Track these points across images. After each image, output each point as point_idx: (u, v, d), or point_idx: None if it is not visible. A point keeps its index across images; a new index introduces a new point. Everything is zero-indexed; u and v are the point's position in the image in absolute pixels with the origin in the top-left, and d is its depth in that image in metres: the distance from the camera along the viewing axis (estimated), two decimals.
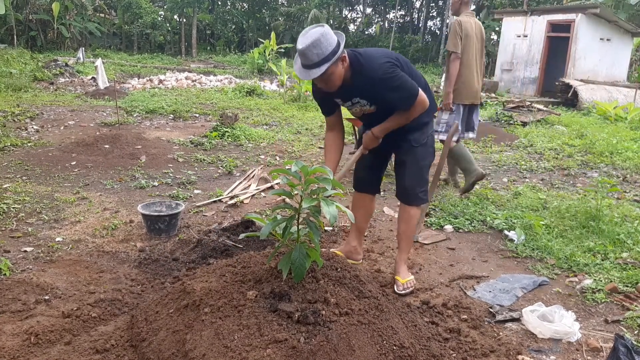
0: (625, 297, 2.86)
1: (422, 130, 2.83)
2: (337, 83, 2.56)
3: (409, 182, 2.87)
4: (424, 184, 2.91)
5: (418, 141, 2.82)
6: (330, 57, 2.41)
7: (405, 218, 2.94)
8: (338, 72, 2.52)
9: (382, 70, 2.54)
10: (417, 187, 2.87)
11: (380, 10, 32.76)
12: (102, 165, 5.39)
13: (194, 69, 18.70)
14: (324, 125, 8.52)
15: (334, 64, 2.45)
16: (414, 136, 2.81)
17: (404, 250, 2.99)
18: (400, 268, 2.95)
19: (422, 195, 2.91)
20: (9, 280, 2.72)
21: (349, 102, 2.75)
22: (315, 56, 2.41)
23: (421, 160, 2.86)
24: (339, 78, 2.55)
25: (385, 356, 1.93)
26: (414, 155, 2.84)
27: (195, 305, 2.04)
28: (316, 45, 2.39)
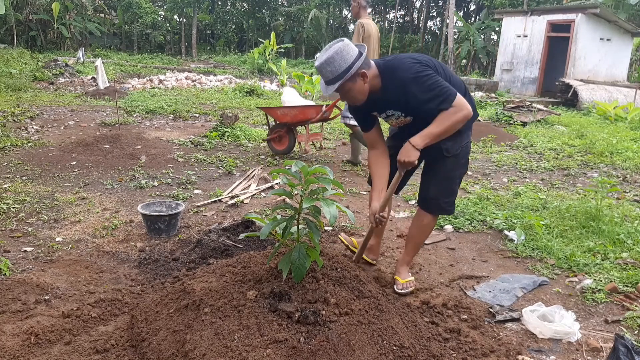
0: (625, 297, 2.86)
1: (455, 140, 2.63)
2: (360, 97, 2.50)
3: (434, 192, 2.73)
4: (450, 195, 2.77)
5: (450, 151, 2.65)
6: (342, 74, 2.37)
7: (419, 225, 2.84)
8: (357, 88, 2.45)
9: (411, 70, 2.42)
10: (441, 198, 2.74)
11: (380, 10, 32.76)
12: (102, 165, 5.39)
13: (194, 69, 18.71)
14: (323, 125, 8.54)
15: (350, 81, 2.40)
16: (447, 145, 2.62)
17: (409, 253, 2.93)
18: (401, 268, 2.92)
19: (446, 206, 2.77)
20: (9, 280, 2.72)
21: (384, 114, 2.66)
22: (330, 74, 2.39)
23: (451, 171, 2.71)
24: (360, 93, 2.48)
25: (385, 356, 1.93)
26: (444, 165, 2.69)
27: (195, 305, 2.04)
28: (330, 63, 2.37)
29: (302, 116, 5.77)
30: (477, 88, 14.75)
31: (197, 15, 26.58)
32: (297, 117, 5.79)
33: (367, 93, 2.50)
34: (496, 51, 18.35)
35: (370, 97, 2.54)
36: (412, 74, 2.41)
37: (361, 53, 2.41)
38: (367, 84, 2.46)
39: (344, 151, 6.82)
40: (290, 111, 5.80)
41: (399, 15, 31.88)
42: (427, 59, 2.54)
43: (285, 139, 6.08)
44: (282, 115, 5.91)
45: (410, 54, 2.59)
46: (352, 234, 3.78)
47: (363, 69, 2.42)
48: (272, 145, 6.22)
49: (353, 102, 2.55)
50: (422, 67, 2.43)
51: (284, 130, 6.02)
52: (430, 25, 32.41)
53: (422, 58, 2.53)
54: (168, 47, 28.59)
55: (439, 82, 2.41)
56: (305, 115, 5.76)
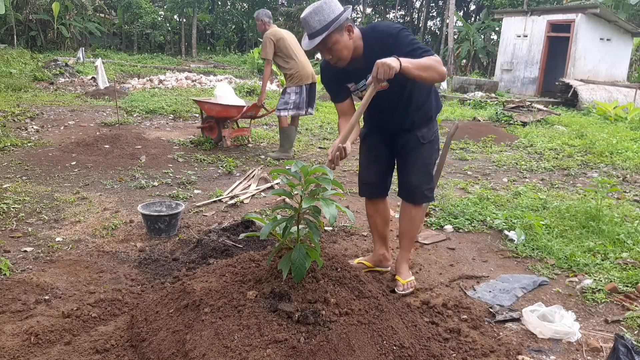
0: (625, 297, 2.86)
1: (429, 127, 2.74)
2: (345, 54, 2.44)
3: (416, 179, 2.76)
4: (430, 181, 2.82)
5: (426, 138, 2.73)
6: (330, 24, 2.33)
7: (408, 218, 2.86)
8: (344, 42, 2.40)
9: (394, 26, 2.46)
10: (423, 185, 2.77)
11: (380, 10, 32.76)
12: (102, 165, 5.39)
13: (194, 69, 18.71)
14: (323, 126, 8.58)
15: (338, 32, 2.36)
16: (422, 132, 2.71)
17: (405, 249, 2.93)
18: (402, 268, 2.90)
19: (428, 193, 2.81)
20: (9, 280, 2.72)
21: (363, 82, 2.58)
22: (317, 23, 2.34)
23: (427, 157, 2.77)
24: (345, 49, 2.42)
25: (385, 356, 1.93)
26: (422, 153, 2.74)
27: (195, 305, 2.04)
28: (318, 12, 2.33)
29: (225, 113, 6.29)
30: (477, 88, 14.75)
31: (197, 15, 26.57)
32: (220, 113, 6.31)
33: (351, 50, 2.45)
34: (496, 51, 18.35)
35: (349, 67, 2.51)
36: (395, 29, 2.45)
37: (349, 8, 2.41)
38: (352, 40, 2.44)
39: None
40: (215, 107, 6.33)
41: (399, 15, 31.88)
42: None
43: (215, 129, 6.59)
44: (208, 109, 6.46)
45: None
46: (352, 234, 3.78)
47: (349, 24, 2.41)
48: (204, 132, 6.78)
49: (337, 59, 2.46)
50: (405, 29, 2.49)
51: (213, 122, 6.55)
52: (430, 25, 32.41)
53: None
54: (168, 47, 28.59)
55: (421, 44, 2.46)
56: (228, 113, 6.27)
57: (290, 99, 5.88)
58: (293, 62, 5.82)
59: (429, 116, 2.75)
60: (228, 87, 6.81)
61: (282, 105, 5.91)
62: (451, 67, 18.36)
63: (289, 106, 5.88)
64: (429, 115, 2.75)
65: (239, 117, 6.35)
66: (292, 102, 5.88)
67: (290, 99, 5.88)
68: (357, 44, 2.48)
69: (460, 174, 5.85)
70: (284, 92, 5.96)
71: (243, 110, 6.19)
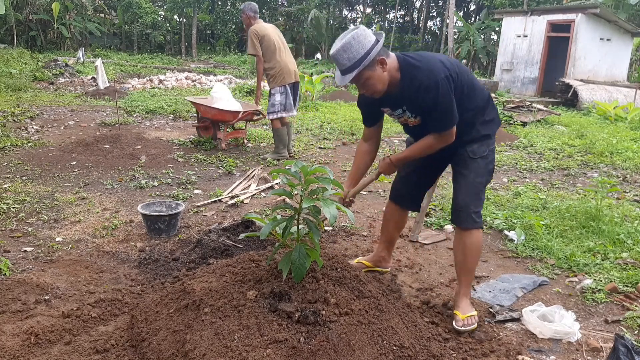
0: (625, 297, 2.86)
1: (482, 142, 2.55)
2: (379, 88, 2.35)
3: (463, 199, 2.55)
4: (478, 204, 2.55)
5: (477, 153, 2.54)
6: (360, 61, 2.24)
7: (461, 247, 2.58)
8: (376, 76, 2.31)
9: (434, 81, 2.28)
10: (470, 206, 2.53)
11: (380, 10, 32.75)
12: (102, 165, 5.39)
13: (194, 69, 18.70)
14: (323, 126, 8.57)
15: (369, 68, 2.27)
16: (473, 147, 2.54)
17: (463, 284, 2.62)
18: (461, 302, 2.58)
19: (477, 218, 2.55)
20: (9, 280, 2.72)
21: (399, 110, 2.50)
22: (347, 60, 2.25)
23: (478, 176, 2.54)
24: (379, 83, 2.33)
25: (385, 356, 1.93)
26: (471, 169, 2.54)
27: (195, 305, 2.04)
28: (346, 49, 2.24)
29: (221, 117, 6.28)
30: None
31: (197, 15, 26.57)
32: (216, 116, 6.30)
33: (387, 83, 2.34)
34: (496, 51, 18.34)
35: (387, 91, 2.40)
36: (433, 84, 2.28)
37: (378, 40, 2.28)
38: (386, 73, 2.32)
39: (344, 151, 6.83)
40: (211, 110, 6.29)
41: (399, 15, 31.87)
42: (456, 68, 2.40)
43: (210, 128, 6.61)
44: (204, 111, 6.47)
45: (436, 56, 2.44)
46: (352, 234, 3.78)
47: (382, 56, 2.29)
48: (199, 131, 6.82)
49: (372, 92, 2.38)
50: (446, 84, 2.29)
51: (209, 122, 6.55)
52: (430, 25, 32.39)
53: (452, 66, 2.38)
54: (168, 47, 28.58)
55: (450, 107, 2.34)
56: (223, 117, 6.26)
57: (276, 100, 5.81)
58: (275, 61, 5.71)
59: (482, 134, 2.56)
60: (225, 88, 6.80)
61: (270, 109, 5.85)
62: None
63: (276, 108, 5.81)
64: (482, 134, 2.56)
65: (235, 122, 6.34)
66: (278, 103, 5.80)
67: (276, 100, 5.81)
68: (394, 75, 2.35)
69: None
70: (270, 94, 5.89)
71: (239, 116, 6.18)
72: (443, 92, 2.29)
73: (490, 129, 2.60)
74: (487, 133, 2.58)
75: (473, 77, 2.55)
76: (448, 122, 2.37)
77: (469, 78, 2.49)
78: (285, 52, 5.83)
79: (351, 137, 7.78)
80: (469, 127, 2.53)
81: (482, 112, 2.56)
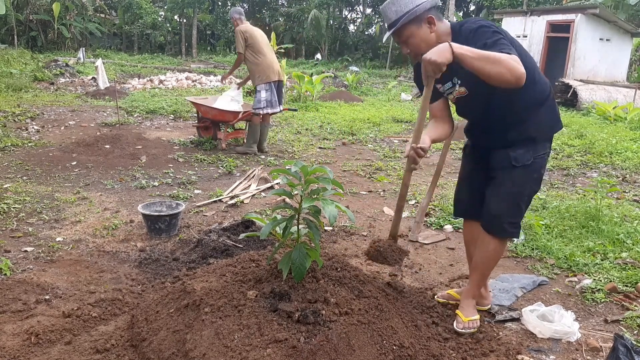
0: (625, 296, 2.86)
1: (527, 147, 2.27)
2: (424, 49, 2.12)
3: (496, 207, 2.33)
4: (515, 214, 2.34)
5: (519, 160, 2.26)
6: (407, 13, 2.13)
7: (483, 249, 2.42)
8: (421, 35, 2.17)
9: (478, 23, 2.15)
10: (505, 216, 2.33)
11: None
12: (102, 165, 5.40)
13: (194, 69, 18.70)
14: (323, 126, 8.58)
15: (414, 24, 2.15)
16: (516, 153, 2.26)
17: (473, 283, 2.51)
18: (464, 303, 2.50)
19: (509, 228, 2.34)
20: (10, 280, 2.73)
21: (449, 84, 2.30)
22: (393, 13, 2.16)
23: (518, 185, 2.29)
24: (424, 43, 2.17)
25: (385, 356, 1.93)
26: (511, 177, 2.28)
27: (195, 305, 2.04)
28: (395, 2, 2.16)
29: (221, 117, 6.38)
30: None
31: (198, 16, 26.57)
32: (216, 117, 6.40)
33: (433, 45, 2.09)
34: None
35: None
36: (476, 23, 2.16)
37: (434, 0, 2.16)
38: (433, 34, 2.18)
39: (344, 151, 6.83)
40: (211, 110, 6.38)
41: None
42: (515, 41, 2.22)
43: (210, 129, 6.71)
44: (205, 111, 6.53)
45: None
46: (352, 234, 3.78)
47: (431, 14, 2.17)
48: (199, 131, 6.88)
49: (415, 55, 2.21)
50: (490, 25, 2.15)
51: (209, 122, 6.64)
52: None
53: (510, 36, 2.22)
54: (168, 48, 28.57)
55: (503, 40, 2.08)
56: (224, 118, 6.35)
57: (262, 97, 6.06)
58: (261, 58, 5.99)
59: (530, 136, 2.27)
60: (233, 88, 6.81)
61: (256, 104, 6.09)
62: None
63: (261, 104, 6.05)
64: (530, 135, 2.27)
65: (235, 122, 6.40)
66: (263, 99, 6.05)
67: (262, 96, 6.06)
68: (443, 40, 2.15)
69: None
70: (255, 91, 6.17)
71: (239, 117, 6.24)
72: (490, 30, 2.10)
73: (540, 132, 2.29)
74: (535, 136, 2.28)
75: (535, 66, 2.28)
76: (509, 50, 2.04)
77: (530, 63, 2.20)
78: (270, 52, 6.13)
79: (351, 137, 7.79)
80: (517, 122, 2.26)
81: (538, 110, 2.26)
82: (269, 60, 6.04)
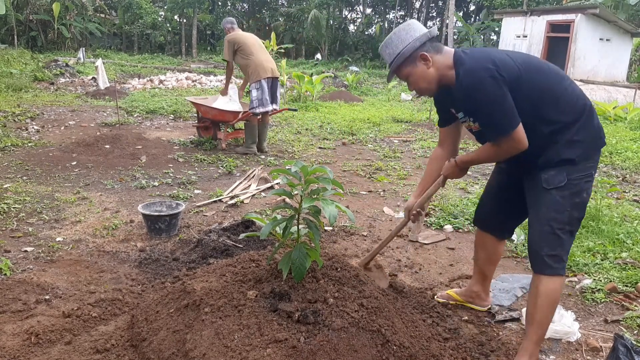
0: (625, 296, 2.86)
1: (560, 168, 2.05)
2: (423, 86, 2.15)
3: (533, 238, 2.14)
4: (554, 245, 2.07)
5: (550, 182, 2.06)
6: (398, 56, 2.11)
7: (533, 292, 2.16)
8: (418, 73, 2.12)
9: (474, 79, 1.99)
10: (542, 248, 2.08)
11: (380, 11, 32.75)
12: (102, 165, 5.40)
13: (195, 69, 18.70)
14: (323, 126, 8.58)
15: (408, 64, 2.11)
16: (547, 174, 2.07)
17: (528, 337, 2.17)
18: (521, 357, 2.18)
19: (550, 262, 2.07)
20: (10, 280, 2.73)
21: (461, 113, 2.21)
22: (388, 56, 2.15)
23: (554, 211, 2.05)
24: (422, 80, 2.14)
25: (385, 356, 1.93)
26: (544, 202, 2.08)
27: (195, 305, 2.04)
28: (388, 45, 2.15)
29: (221, 117, 6.38)
30: None
31: (198, 16, 26.57)
32: (216, 117, 6.41)
33: (434, 82, 2.13)
34: None
35: (449, 92, 2.15)
36: (474, 83, 1.99)
37: (425, 34, 2.09)
38: (432, 69, 2.11)
39: (344, 151, 6.83)
40: (211, 110, 6.39)
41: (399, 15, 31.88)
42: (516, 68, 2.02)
43: (210, 129, 6.73)
44: (204, 111, 6.53)
45: (488, 51, 2.11)
46: (352, 234, 3.78)
47: (423, 51, 2.09)
48: (199, 131, 6.90)
49: (418, 91, 2.20)
50: (490, 83, 1.96)
51: (209, 122, 6.66)
52: (430, 26, 32.32)
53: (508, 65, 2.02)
54: (168, 48, 28.57)
55: (499, 110, 1.98)
56: (224, 117, 6.36)
57: (253, 96, 6.05)
58: (252, 58, 6.02)
59: (564, 158, 2.05)
60: (232, 87, 6.85)
61: (250, 105, 6.11)
62: None
63: (254, 104, 6.05)
64: (563, 158, 2.05)
65: (235, 122, 6.41)
66: (255, 99, 6.04)
67: (253, 96, 6.06)
68: (445, 73, 2.11)
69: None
70: (250, 92, 6.21)
71: (239, 117, 6.25)
72: (486, 92, 1.97)
73: (576, 152, 2.05)
74: (570, 157, 2.05)
75: (558, 82, 2.08)
76: (499, 127, 2.01)
77: (547, 82, 2.07)
78: (260, 51, 6.16)
79: (351, 137, 7.79)
80: (546, 145, 2.07)
81: (568, 129, 2.05)
82: (259, 59, 6.06)
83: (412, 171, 5.83)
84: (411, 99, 13.40)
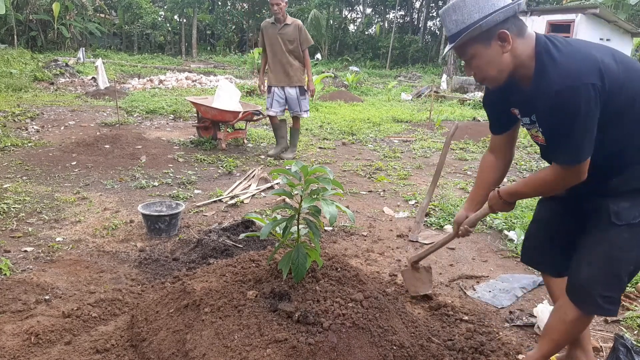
0: (625, 297, 2.86)
1: (634, 199, 1.71)
2: (491, 74, 1.70)
3: (587, 275, 1.77)
4: (612, 286, 1.75)
5: (622, 217, 1.70)
6: (470, 27, 1.63)
7: (559, 314, 1.89)
8: (488, 56, 1.66)
9: (569, 86, 1.55)
10: (597, 287, 1.75)
11: (380, 11, 32.77)
12: (102, 165, 5.40)
13: (194, 69, 18.71)
14: (323, 126, 8.57)
15: (480, 41, 1.65)
16: (618, 206, 1.71)
17: (540, 348, 2.00)
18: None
19: (604, 304, 1.75)
20: (10, 280, 2.73)
21: (526, 119, 1.79)
22: (453, 24, 1.68)
23: (620, 249, 1.71)
24: (491, 66, 1.68)
25: (385, 356, 1.93)
26: (610, 237, 1.73)
27: (195, 305, 2.04)
28: (456, 9, 1.67)
29: (221, 117, 6.35)
30: (477, 88, 14.76)
31: (197, 16, 26.58)
32: (216, 116, 6.37)
33: (506, 71, 1.69)
34: None
35: (520, 87, 1.74)
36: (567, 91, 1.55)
37: (512, 7, 1.63)
38: (507, 55, 1.66)
39: (344, 151, 6.83)
40: (211, 110, 6.36)
41: (399, 15, 31.88)
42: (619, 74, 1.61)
43: (210, 128, 6.73)
44: (204, 111, 6.51)
45: (599, 52, 1.66)
46: (352, 234, 3.78)
47: (504, 29, 1.63)
48: (199, 131, 6.89)
49: (482, 80, 1.75)
50: (588, 96, 1.54)
51: (209, 122, 6.66)
52: (430, 25, 32.40)
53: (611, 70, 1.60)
54: (168, 48, 28.58)
55: (582, 133, 1.59)
56: (224, 117, 6.33)
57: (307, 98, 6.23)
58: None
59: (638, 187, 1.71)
60: (230, 87, 6.85)
61: (307, 106, 6.28)
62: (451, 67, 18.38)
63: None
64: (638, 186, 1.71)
65: (235, 122, 6.41)
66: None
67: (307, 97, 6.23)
68: (524, 63, 1.67)
69: (460, 174, 5.85)
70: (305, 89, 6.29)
71: (239, 117, 6.26)
72: (578, 109, 1.55)
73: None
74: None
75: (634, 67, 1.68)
76: (574, 153, 1.62)
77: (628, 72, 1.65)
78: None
79: (351, 137, 7.79)
80: (625, 166, 1.71)
81: None
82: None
83: (412, 171, 5.83)
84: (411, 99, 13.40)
